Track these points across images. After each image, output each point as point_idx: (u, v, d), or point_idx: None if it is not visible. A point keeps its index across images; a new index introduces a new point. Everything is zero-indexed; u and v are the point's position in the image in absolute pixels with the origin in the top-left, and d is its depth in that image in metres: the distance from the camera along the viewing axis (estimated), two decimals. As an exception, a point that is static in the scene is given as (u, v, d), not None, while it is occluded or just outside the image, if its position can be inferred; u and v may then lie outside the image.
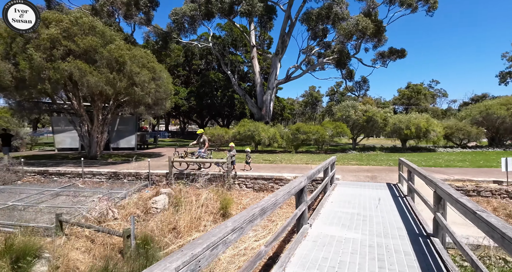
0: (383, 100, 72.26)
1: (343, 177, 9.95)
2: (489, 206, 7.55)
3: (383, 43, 28.10)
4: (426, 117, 21.27)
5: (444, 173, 10.50)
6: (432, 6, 24.05)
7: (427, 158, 15.90)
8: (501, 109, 21.37)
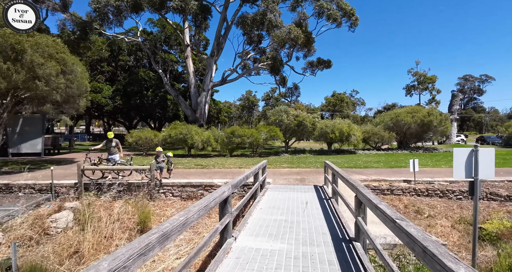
0: (312, 106, 77.84)
1: (274, 181, 9.94)
2: (401, 203, 8.35)
3: (312, 53, 30.05)
4: (348, 123, 23.34)
5: (363, 173, 11.42)
6: (353, 23, 26.67)
7: (349, 160, 17.31)
8: (407, 116, 24.80)
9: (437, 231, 6.55)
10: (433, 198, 9.06)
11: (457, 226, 6.74)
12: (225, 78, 28.26)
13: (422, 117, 24.59)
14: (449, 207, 8.31)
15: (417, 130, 25.36)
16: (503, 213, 7.70)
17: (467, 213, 7.83)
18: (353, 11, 26.17)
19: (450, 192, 9.04)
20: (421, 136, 26.35)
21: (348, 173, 11.64)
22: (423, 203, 8.47)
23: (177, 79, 39.75)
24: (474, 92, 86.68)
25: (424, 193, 9.15)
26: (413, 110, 25.80)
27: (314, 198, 7.12)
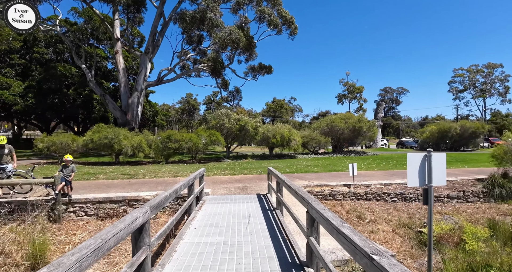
0: (254, 111, 78.71)
1: (214, 191, 8.95)
2: (343, 209, 8.18)
3: (254, 58, 30.00)
4: (288, 128, 23.63)
5: (305, 178, 11.22)
6: (293, 31, 27.43)
7: (290, 164, 17.27)
8: (341, 122, 26.31)
9: (380, 237, 6.41)
10: (371, 201, 9.20)
11: (398, 230, 6.73)
12: (161, 78, 26.16)
13: (354, 123, 26.41)
14: (386, 209, 8.46)
15: (350, 135, 27.15)
16: (434, 214, 8.08)
17: (403, 215, 8.02)
18: (292, 20, 26.92)
19: (386, 195, 9.31)
20: (353, 141, 28.31)
21: (291, 178, 11.32)
22: (363, 207, 8.46)
23: (106, 77, 35.62)
24: (392, 102, 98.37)
25: (363, 197, 9.24)
26: (346, 117, 27.58)
27: (257, 209, 6.37)
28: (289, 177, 11.71)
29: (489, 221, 6.86)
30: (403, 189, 9.67)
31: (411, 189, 9.72)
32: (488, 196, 9.35)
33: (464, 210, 8.50)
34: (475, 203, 9.27)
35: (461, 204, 9.14)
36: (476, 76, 56.38)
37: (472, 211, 8.41)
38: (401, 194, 9.33)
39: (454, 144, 33.37)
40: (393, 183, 10.42)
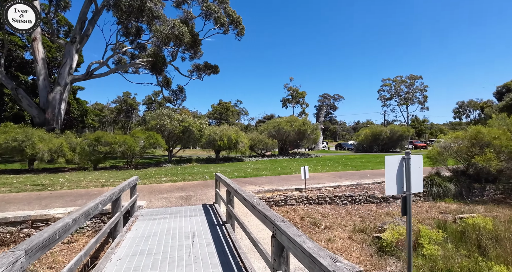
0: (199, 113, 76.36)
1: (150, 203, 7.56)
2: (297, 215, 7.61)
3: (199, 56, 28.57)
4: (236, 130, 22.84)
5: (255, 183, 10.48)
6: (240, 32, 26.85)
7: (238, 168, 16.43)
8: (287, 125, 26.54)
9: (338, 246, 5.94)
10: (323, 205, 8.86)
11: (354, 237, 6.37)
12: (91, 72, 22.96)
13: (299, 126, 26.91)
14: (339, 213, 8.18)
15: (295, 137, 27.59)
16: (384, 216, 8.05)
17: (356, 218, 7.80)
18: (240, 20, 26.34)
19: (337, 198, 9.08)
20: (298, 143, 28.86)
21: (241, 183, 10.45)
22: (316, 212, 8.03)
23: (23, 69, 30.16)
24: (330, 108, 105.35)
25: (315, 201, 8.86)
26: (292, 120, 27.98)
27: (203, 225, 5.32)
28: (238, 182, 10.85)
29: (438, 222, 6.98)
30: (352, 191, 9.61)
31: (359, 190, 9.72)
32: (427, 195, 9.84)
33: (408, 210, 8.70)
34: (416, 202, 9.65)
35: (405, 204, 9.41)
36: (401, 86, 63.68)
37: (417, 210, 8.65)
38: (351, 196, 9.21)
39: (384, 146, 36.62)
40: (342, 184, 10.36)
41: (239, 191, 4.24)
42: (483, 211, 8.63)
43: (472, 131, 10.20)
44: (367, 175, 12.95)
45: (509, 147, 9.40)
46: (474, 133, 10.08)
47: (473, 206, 9.17)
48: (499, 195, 10.44)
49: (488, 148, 9.59)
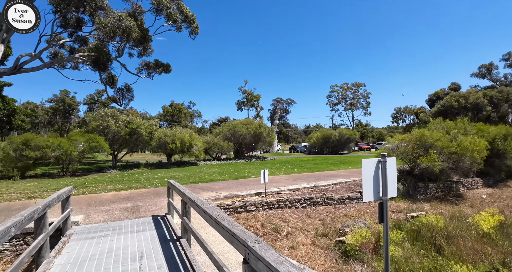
0: (149, 115, 72.25)
1: (89, 217, 6.45)
2: (257, 222, 7.19)
3: (149, 54, 26.73)
4: (189, 132, 21.77)
5: (212, 189, 9.83)
6: (194, 30, 25.81)
7: (192, 173, 15.52)
8: (243, 128, 26.21)
9: (302, 253, 5.66)
10: (283, 209, 8.60)
11: (317, 242, 6.16)
12: (19, 65, 19.83)
13: (255, 129, 26.80)
14: (299, 217, 7.98)
15: (251, 140, 27.39)
16: (342, 217, 8.06)
17: (316, 222, 7.67)
18: (194, 18, 25.34)
19: (297, 201, 8.91)
20: (254, 146, 28.73)
21: (196, 190, 9.71)
22: (277, 218, 7.72)
23: None
24: (283, 112, 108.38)
25: (275, 205, 8.56)
26: (248, 123, 27.77)
27: (154, 242, 4.57)
28: (193, 188, 10.08)
29: (394, 222, 7.15)
30: (311, 193, 9.55)
31: (317, 193, 9.71)
32: (379, 195, 10.23)
33: (364, 210, 8.90)
34: (370, 202, 9.96)
35: (360, 204, 9.64)
36: (347, 92, 68.24)
37: (371, 210, 8.89)
38: (310, 198, 9.12)
39: (334, 148, 38.54)
40: (300, 187, 10.27)
41: (197, 201, 3.65)
42: (429, 208, 9.23)
43: (417, 134, 10.96)
44: (322, 176, 13.16)
45: (449, 148, 10.27)
46: (419, 136, 10.83)
47: (420, 204, 9.77)
48: (440, 192, 11.37)
49: (431, 149, 10.35)
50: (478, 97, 29.81)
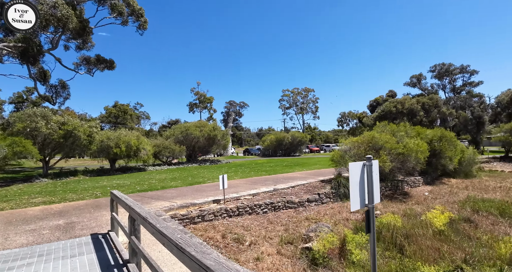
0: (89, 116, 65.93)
1: (7, 240, 5.15)
2: (217, 233, 6.57)
3: (89, 48, 24.13)
4: (137, 135, 20.04)
5: (164, 197, 8.91)
6: (142, 25, 24.03)
7: (140, 179, 14.14)
8: (196, 130, 25.10)
9: (269, 265, 5.24)
10: (244, 216, 8.11)
11: (283, 250, 5.80)
12: None
13: (209, 131, 25.90)
14: (261, 224, 7.58)
15: (205, 143, 26.40)
16: (304, 221, 7.87)
17: (278, 228, 7.34)
18: (142, 12, 23.59)
19: (257, 207, 8.50)
20: (208, 149, 27.75)
21: (146, 199, 8.68)
22: (238, 226, 7.20)
23: None
24: (236, 115, 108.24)
25: (236, 213, 8.03)
26: (201, 125, 26.73)
27: (93, 271, 3.69)
28: (142, 197, 9.03)
29: (355, 223, 7.16)
30: (271, 198, 9.24)
31: (277, 196, 9.44)
32: (336, 196, 10.38)
33: (324, 212, 8.87)
34: (328, 203, 10.03)
35: (319, 206, 9.64)
36: (298, 97, 70.79)
37: (330, 212, 8.90)
38: (271, 203, 8.80)
39: (287, 150, 39.37)
40: (260, 191, 9.91)
41: (151, 219, 2.96)
42: (382, 207, 9.60)
43: (368, 136, 11.45)
44: (280, 179, 13.02)
45: (397, 149, 10.91)
46: (370, 138, 11.31)
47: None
48: (388, 191, 12.03)
49: (381, 151, 10.87)
50: (412, 103, 33.21)
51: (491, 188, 13.36)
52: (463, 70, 56.04)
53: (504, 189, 13.01)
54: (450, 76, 57.54)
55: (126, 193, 9.93)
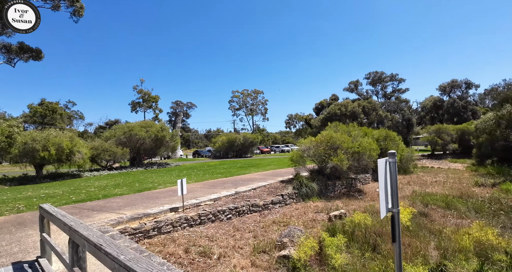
0: (8, 116, 56.52)
1: None
2: (178, 247, 5.66)
3: (10, 34, 20.36)
4: (70, 136, 17.42)
5: (109, 208, 7.57)
6: (78, 11, 21.16)
7: (75, 187, 12.13)
8: (141, 131, 22.99)
9: (244, 281, 4.58)
10: (206, 224, 7.29)
11: (257, 261, 5.19)
12: None
13: (156, 132, 23.99)
14: (227, 232, 6.86)
15: (152, 145, 24.38)
16: (271, 225, 7.38)
17: (246, 235, 6.71)
18: (77, -4, 20.79)
19: (221, 213, 7.75)
20: (155, 151, 25.71)
21: (85, 211, 7.25)
22: (202, 236, 6.38)
23: None
24: (183, 115, 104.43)
25: (197, 221, 7.16)
26: (147, 125, 24.63)
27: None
28: (81, 209, 7.56)
29: (326, 224, 6.91)
30: (234, 202, 8.58)
31: (241, 200, 8.81)
32: (298, 196, 10.17)
33: (290, 214, 8.53)
34: (291, 204, 9.75)
35: (283, 208, 9.28)
36: (248, 98, 71.08)
37: (296, 213, 8.61)
38: (235, 208, 8.13)
39: (238, 151, 38.92)
40: (221, 196, 9.16)
41: (109, 247, 2.10)
42: (342, 205, 9.67)
43: (327, 136, 11.56)
44: (238, 181, 12.40)
45: (353, 148, 11.20)
46: (328, 138, 11.43)
47: (333, 202, 10.18)
48: (344, 189, 12.32)
49: (339, 150, 11.04)
50: (354, 106, 35.75)
51: (428, 182, 14.71)
52: (393, 78, 62.86)
53: (439, 183, 14.43)
54: (382, 83, 63.99)
55: (58, 205, 8.23)
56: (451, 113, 49.91)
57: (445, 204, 9.20)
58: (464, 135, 34.08)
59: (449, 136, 33.65)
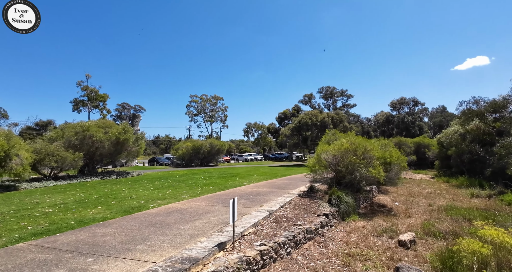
0: None
1: None
2: None
3: None
4: (6, 134, 13.00)
5: (108, 249, 4.65)
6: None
7: (18, 207, 8.42)
8: (99, 132, 18.87)
9: None
10: (268, 266, 4.91)
11: None
12: None
13: (118, 134, 20.02)
14: (305, 279, 4.58)
15: (111, 150, 20.24)
16: (348, 259, 5.32)
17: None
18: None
19: (281, 246, 5.43)
20: (115, 157, 21.48)
21: (69, 261, 4.21)
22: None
23: None
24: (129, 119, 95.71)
25: (260, 264, 4.74)
26: (106, 125, 20.50)
27: None
28: (57, 253, 4.55)
29: (418, 255, 5.09)
30: (280, 227, 6.32)
31: (286, 224, 6.56)
32: (338, 215, 8.28)
33: (350, 240, 6.58)
34: (335, 226, 7.79)
35: (332, 232, 7.29)
36: (207, 104, 67.79)
37: (356, 239, 6.68)
38: (292, 237, 5.88)
39: (204, 160, 35.79)
40: (259, 219, 6.77)
41: None
42: (389, 225, 8.08)
43: (359, 144, 10.03)
44: (245, 196, 10.02)
45: (384, 158, 9.88)
46: (360, 146, 9.92)
47: (374, 220, 8.57)
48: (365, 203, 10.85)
49: (375, 160, 9.57)
50: (324, 117, 35.89)
51: (424, 194, 14.10)
52: (343, 93, 66.52)
53: (434, 194, 13.95)
54: (333, 97, 67.20)
55: (6, 242, 4.98)
56: (400, 128, 54.06)
57: (487, 219, 8.25)
58: (420, 148, 36.52)
59: (408, 148, 35.72)
